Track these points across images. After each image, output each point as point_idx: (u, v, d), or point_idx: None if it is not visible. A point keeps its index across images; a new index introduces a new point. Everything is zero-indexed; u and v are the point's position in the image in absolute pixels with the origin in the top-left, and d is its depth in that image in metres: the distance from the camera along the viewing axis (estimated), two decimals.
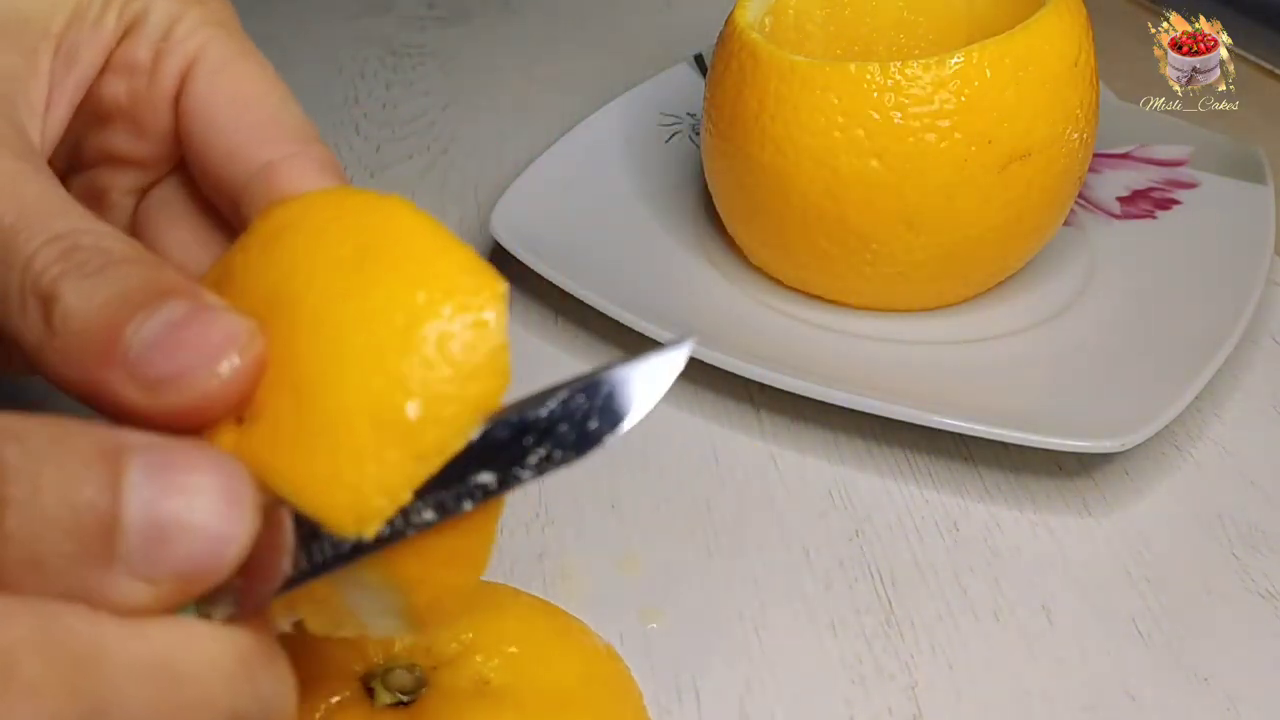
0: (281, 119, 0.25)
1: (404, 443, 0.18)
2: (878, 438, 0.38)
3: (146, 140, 0.26)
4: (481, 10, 0.67)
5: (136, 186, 0.27)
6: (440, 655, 0.26)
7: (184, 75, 0.25)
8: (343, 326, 0.19)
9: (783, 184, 0.38)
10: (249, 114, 0.25)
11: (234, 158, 0.24)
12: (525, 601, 0.29)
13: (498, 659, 0.26)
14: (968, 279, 0.41)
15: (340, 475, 0.18)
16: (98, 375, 0.19)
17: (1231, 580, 0.34)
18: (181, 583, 0.17)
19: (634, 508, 0.36)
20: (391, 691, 0.25)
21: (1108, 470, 0.37)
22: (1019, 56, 0.36)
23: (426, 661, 0.26)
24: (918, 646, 0.32)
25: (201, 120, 0.25)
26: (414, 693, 0.26)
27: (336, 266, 0.19)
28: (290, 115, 0.25)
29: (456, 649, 0.26)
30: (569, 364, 0.41)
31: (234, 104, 0.25)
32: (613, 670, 0.29)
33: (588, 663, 0.28)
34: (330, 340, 0.19)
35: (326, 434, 0.18)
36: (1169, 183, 0.47)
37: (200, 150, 0.25)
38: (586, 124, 0.50)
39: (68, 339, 0.19)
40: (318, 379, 0.18)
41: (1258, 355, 0.42)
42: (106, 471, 0.17)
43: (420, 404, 0.18)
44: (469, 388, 0.19)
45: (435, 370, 0.19)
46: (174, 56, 0.25)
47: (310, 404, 0.18)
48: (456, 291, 0.19)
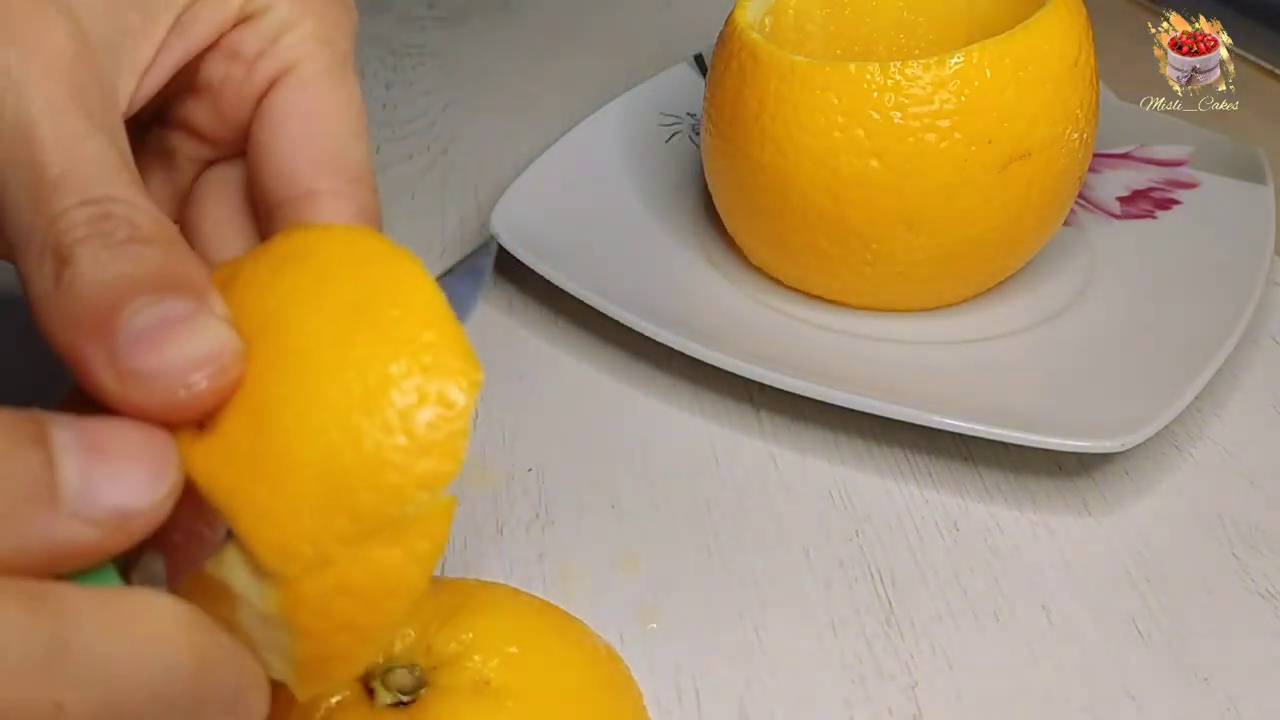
0: (343, 154, 0.25)
1: (343, 501, 0.19)
2: (878, 438, 0.38)
3: (224, 125, 0.26)
4: (481, 10, 0.67)
5: (204, 158, 0.27)
6: (440, 655, 0.26)
7: (274, 80, 0.25)
8: (319, 371, 0.19)
9: (783, 184, 0.38)
10: (315, 139, 0.25)
11: (284, 175, 0.25)
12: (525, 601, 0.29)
13: (497, 659, 0.26)
14: (968, 279, 0.41)
15: (275, 515, 0.19)
16: (82, 345, 0.19)
17: (1231, 580, 0.34)
18: (122, 520, 0.17)
19: (634, 508, 0.36)
20: (391, 691, 0.25)
21: (1108, 470, 0.37)
22: (1019, 56, 0.36)
23: (426, 661, 0.26)
24: (918, 646, 0.32)
25: (271, 129, 0.25)
26: (414, 692, 0.26)
27: (332, 310, 0.20)
28: (353, 153, 0.25)
29: (456, 649, 0.27)
30: (569, 364, 0.41)
31: (305, 124, 0.25)
32: (613, 670, 0.29)
33: (588, 663, 0.28)
34: (303, 380, 0.19)
35: (274, 471, 0.19)
36: (1169, 183, 0.47)
37: (260, 155, 0.25)
38: (586, 124, 0.50)
39: (68, 302, 0.19)
40: (281, 414, 0.19)
41: (1258, 355, 0.42)
42: (32, 431, 0.17)
43: (367, 468, 0.19)
44: (420, 463, 0.19)
45: (391, 438, 0.19)
46: (272, 60, 0.25)
47: (267, 436, 0.19)
48: (436, 369, 0.19)
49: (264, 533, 0.19)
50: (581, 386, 0.41)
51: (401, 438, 0.19)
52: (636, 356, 0.41)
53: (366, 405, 0.19)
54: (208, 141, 0.27)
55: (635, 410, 0.39)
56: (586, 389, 0.40)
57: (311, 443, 0.19)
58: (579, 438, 0.38)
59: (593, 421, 0.39)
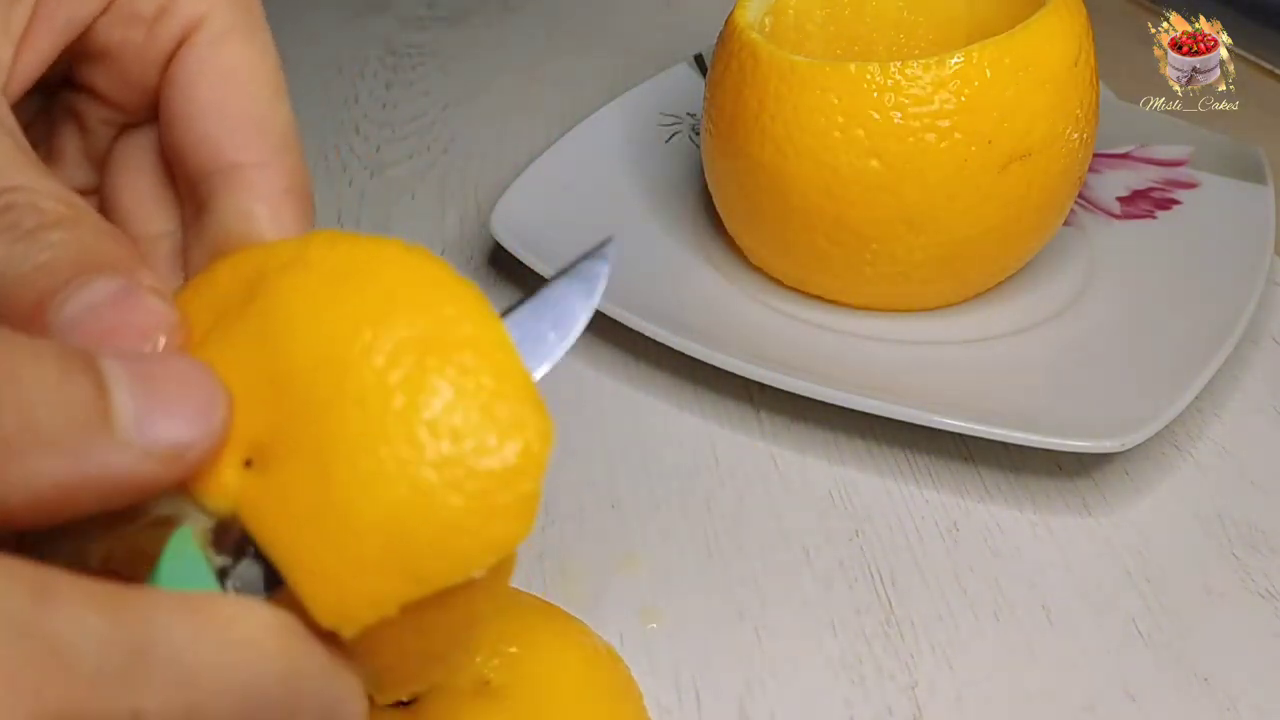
0: (265, 120, 0.23)
1: (408, 566, 0.18)
2: (878, 438, 0.38)
3: (130, 90, 0.24)
4: (481, 10, 0.67)
5: (117, 122, 0.26)
6: None
7: (181, 39, 0.23)
8: (388, 419, 0.18)
9: (783, 184, 0.38)
10: (233, 104, 0.23)
11: (204, 146, 0.23)
12: (525, 602, 0.29)
13: (498, 659, 0.26)
14: (968, 279, 0.41)
15: (336, 576, 0.18)
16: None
17: (1231, 580, 0.34)
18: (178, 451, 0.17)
19: (634, 508, 0.36)
20: None
21: (1108, 470, 0.37)
22: (1019, 56, 0.36)
23: None
24: (918, 646, 0.32)
25: (182, 95, 0.23)
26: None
27: (399, 350, 0.18)
28: (275, 116, 0.24)
29: None
30: (569, 364, 0.41)
31: (221, 87, 0.23)
32: (613, 670, 0.29)
33: (588, 663, 0.28)
34: (371, 428, 0.18)
35: (335, 529, 0.18)
36: (1169, 183, 0.47)
37: (173, 125, 0.23)
38: (586, 124, 0.50)
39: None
40: (346, 465, 0.18)
41: (1258, 355, 0.42)
42: (83, 362, 0.17)
43: (436, 532, 0.18)
44: (490, 527, 0.18)
45: (462, 497, 0.18)
46: (174, 19, 0.23)
47: (329, 489, 0.18)
48: (510, 424, 0.18)
49: (322, 593, 0.18)
50: (581, 386, 0.41)
51: (473, 498, 0.18)
52: (636, 356, 0.41)
53: (438, 461, 0.18)
54: (116, 107, 0.25)
55: (635, 410, 0.39)
56: (586, 389, 0.40)
57: (378, 500, 0.17)
58: (579, 438, 0.38)
59: (593, 421, 0.39)
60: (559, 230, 0.44)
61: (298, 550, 0.18)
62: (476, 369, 0.18)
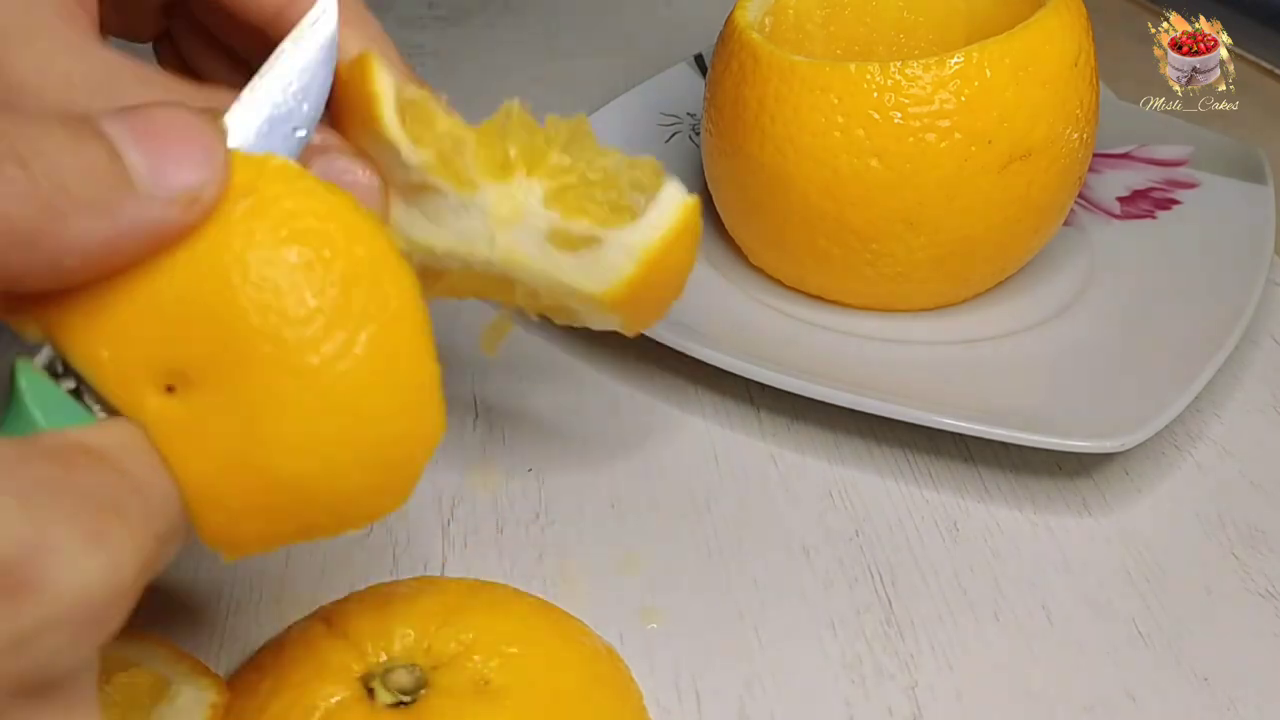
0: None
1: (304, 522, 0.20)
2: (878, 438, 0.38)
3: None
4: (481, 10, 0.67)
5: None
6: (440, 655, 0.26)
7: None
8: (314, 399, 0.19)
9: (783, 184, 0.38)
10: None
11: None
12: (526, 602, 0.29)
13: (497, 659, 0.26)
14: (968, 279, 0.41)
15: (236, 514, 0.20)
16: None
17: (1231, 580, 0.34)
18: (195, 194, 0.19)
19: (634, 508, 0.36)
20: (392, 692, 0.25)
21: (1108, 470, 0.37)
22: (1019, 56, 0.36)
23: (426, 662, 0.26)
24: (918, 646, 0.32)
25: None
26: (414, 693, 0.26)
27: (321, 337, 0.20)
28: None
29: (456, 649, 0.27)
30: (569, 363, 0.41)
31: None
32: (613, 670, 0.29)
33: (588, 663, 0.28)
34: (300, 401, 0.19)
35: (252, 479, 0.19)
36: (1169, 183, 0.47)
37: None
38: None
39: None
40: (272, 428, 0.19)
41: (1258, 355, 0.42)
42: (87, 127, 0.18)
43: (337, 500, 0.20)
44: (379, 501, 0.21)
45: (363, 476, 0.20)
46: None
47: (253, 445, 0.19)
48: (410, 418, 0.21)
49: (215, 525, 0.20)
50: (581, 386, 0.41)
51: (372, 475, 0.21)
52: (637, 356, 0.41)
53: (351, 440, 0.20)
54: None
55: (635, 410, 0.39)
56: (586, 389, 0.40)
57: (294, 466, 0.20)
58: (579, 438, 0.38)
59: (593, 421, 0.39)
60: None
61: (205, 482, 0.19)
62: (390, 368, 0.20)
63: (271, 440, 0.19)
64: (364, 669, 0.26)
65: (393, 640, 0.27)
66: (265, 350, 0.19)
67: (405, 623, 0.27)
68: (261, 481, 0.19)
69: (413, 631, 0.27)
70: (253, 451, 0.19)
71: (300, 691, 0.25)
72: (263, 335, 0.19)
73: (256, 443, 0.19)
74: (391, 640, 0.27)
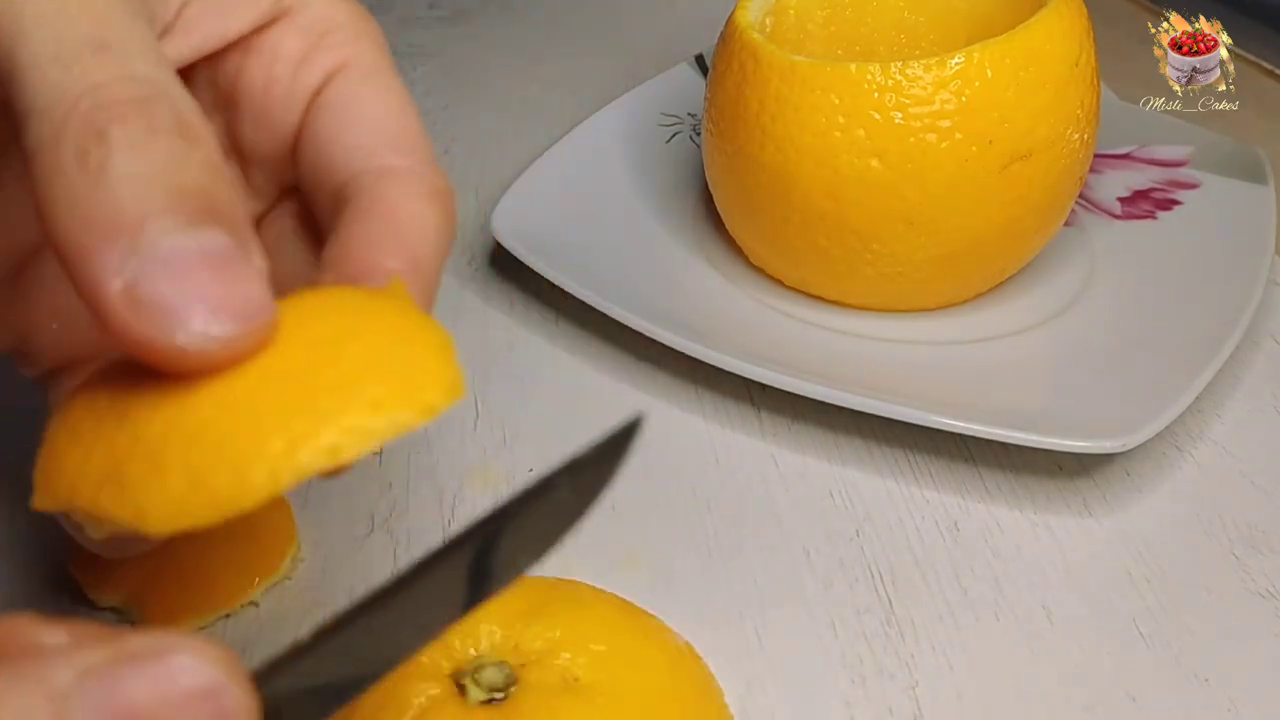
0: (415, 135, 0.25)
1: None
2: (878, 438, 0.38)
3: (267, 133, 0.25)
4: (481, 10, 0.67)
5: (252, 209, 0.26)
6: (527, 652, 0.26)
7: (330, 76, 0.24)
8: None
9: (783, 184, 0.38)
10: (384, 121, 0.24)
11: (354, 152, 0.24)
12: (605, 599, 0.29)
13: (585, 657, 0.26)
14: (968, 279, 0.41)
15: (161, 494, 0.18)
16: (95, 245, 0.16)
17: (1231, 580, 0.34)
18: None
19: (634, 508, 0.36)
20: (483, 688, 0.25)
21: (1108, 470, 0.37)
22: (1020, 57, 0.36)
23: (514, 659, 0.26)
24: (918, 646, 0.32)
25: (334, 116, 0.24)
26: (505, 690, 0.25)
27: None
28: (423, 136, 0.25)
29: (543, 646, 0.26)
30: (569, 363, 0.41)
31: (372, 106, 0.24)
32: (695, 668, 0.29)
33: (672, 660, 0.28)
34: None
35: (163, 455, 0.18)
36: (1169, 183, 0.47)
37: (321, 143, 0.24)
38: (587, 124, 0.50)
39: (92, 190, 0.17)
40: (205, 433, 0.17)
41: (1258, 355, 0.42)
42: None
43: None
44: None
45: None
46: (326, 55, 0.24)
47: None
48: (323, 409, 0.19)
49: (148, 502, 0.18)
50: (581, 386, 0.41)
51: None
52: (636, 356, 0.41)
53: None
54: (253, 164, 0.26)
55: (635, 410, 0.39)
56: (586, 389, 0.40)
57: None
58: (579, 438, 0.38)
59: (593, 421, 0.39)
60: (559, 230, 0.44)
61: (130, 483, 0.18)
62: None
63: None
64: (453, 666, 0.26)
65: (480, 637, 0.26)
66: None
67: (491, 620, 0.27)
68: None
69: (499, 629, 0.27)
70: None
71: (392, 689, 0.25)
72: None
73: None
74: (479, 637, 0.26)
